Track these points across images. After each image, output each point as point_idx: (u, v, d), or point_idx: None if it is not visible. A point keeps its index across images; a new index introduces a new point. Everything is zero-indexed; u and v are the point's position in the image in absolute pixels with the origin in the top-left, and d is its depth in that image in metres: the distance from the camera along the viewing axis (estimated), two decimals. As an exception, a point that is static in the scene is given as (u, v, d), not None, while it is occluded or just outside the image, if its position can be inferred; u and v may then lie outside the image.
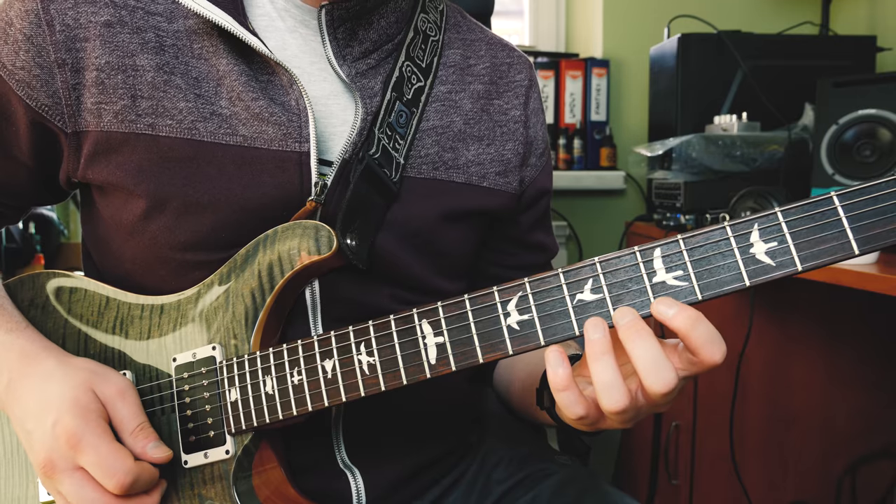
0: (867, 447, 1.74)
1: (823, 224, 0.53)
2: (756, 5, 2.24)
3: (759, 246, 0.55)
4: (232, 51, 0.73)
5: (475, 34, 0.90)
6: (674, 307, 0.55)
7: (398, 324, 0.65)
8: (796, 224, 0.54)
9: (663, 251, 0.57)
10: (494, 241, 0.91)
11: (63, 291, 0.79)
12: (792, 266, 0.54)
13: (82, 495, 0.65)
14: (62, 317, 0.78)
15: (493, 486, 0.87)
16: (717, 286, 0.56)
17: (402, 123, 0.79)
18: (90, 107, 0.71)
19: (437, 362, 0.63)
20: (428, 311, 0.64)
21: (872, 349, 1.72)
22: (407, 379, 0.64)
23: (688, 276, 0.56)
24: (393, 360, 0.64)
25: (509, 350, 0.61)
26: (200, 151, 0.71)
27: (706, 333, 0.55)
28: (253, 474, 0.72)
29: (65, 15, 0.71)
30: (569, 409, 0.59)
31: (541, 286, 0.60)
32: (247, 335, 0.71)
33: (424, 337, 0.63)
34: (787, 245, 0.54)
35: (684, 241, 0.56)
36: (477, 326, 0.62)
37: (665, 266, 0.57)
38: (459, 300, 0.63)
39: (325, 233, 0.70)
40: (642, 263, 0.57)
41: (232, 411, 0.70)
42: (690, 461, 1.70)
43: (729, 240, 0.55)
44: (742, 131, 1.69)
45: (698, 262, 0.56)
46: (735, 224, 0.55)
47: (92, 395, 0.68)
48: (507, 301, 0.61)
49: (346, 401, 0.66)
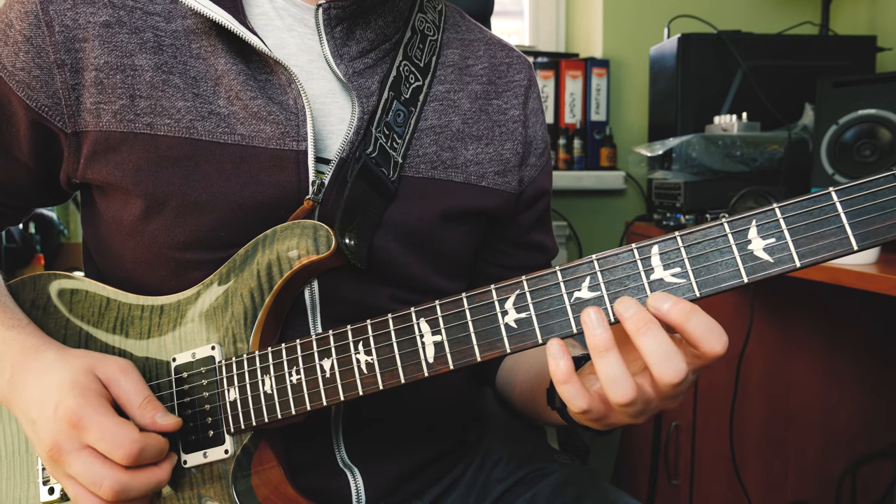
0: (867, 447, 1.73)
1: (822, 220, 0.53)
2: (756, 5, 2.24)
3: (756, 242, 0.55)
4: (230, 50, 0.73)
5: (474, 34, 0.90)
6: (668, 301, 0.55)
7: (396, 323, 0.65)
8: (794, 220, 0.54)
9: (661, 248, 0.57)
10: (493, 241, 0.91)
11: (64, 292, 0.79)
12: (790, 262, 0.54)
13: (92, 472, 0.65)
14: (63, 317, 0.78)
15: (493, 484, 0.87)
16: (715, 283, 0.56)
17: (400, 122, 0.79)
18: (89, 107, 0.71)
19: (435, 361, 0.63)
20: (426, 309, 0.64)
21: (872, 349, 1.72)
22: (405, 378, 0.64)
23: (686, 273, 0.56)
24: (391, 359, 0.64)
25: (507, 348, 0.61)
26: (198, 150, 0.72)
27: (703, 325, 0.55)
28: (252, 474, 0.72)
29: (64, 16, 0.71)
30: (572, 403, 0.58)
31: (538, 284, 0.60)
32: (246, 335, 0.72)
33: (422, 336, 0.63)
34: (786, 241, 0.54)
35: (682, 237, 0.56)
36: (474, 325, 0.62)
37: (663, 263, 0.57)
38: (457, 299, 0.62)
39: (323, 232, 0.70)
40: (640, 261, 0.57)
41: (231, 411, 0.70)
42: (690, 461, 1.70)
43: (727, 236, 0.55)
44: (742, 131, 1.69)
45: (696, 258, 0.56)
46: (733, 220, 0.55)
47: (92, 375, 0.68)
48: (504, 299, 0.61)
49: (344, 400, 0.66)
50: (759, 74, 1.78)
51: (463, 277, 0.88)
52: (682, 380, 0.55)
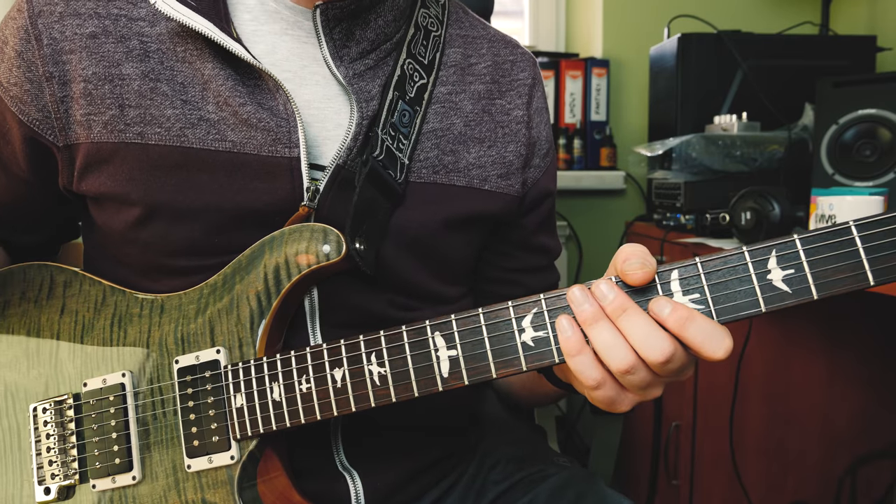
0: (867, 447, 1.73)
1: (840, 254, 0.53)
2: (756, 5, 2.24)
3: (776, 273, 0.55)
4: (216, 55, 0.72)
5: (477, 31, 0.89)
6: (667, 307, 0.55)
7: (410, 336, 0.64)
8: (814, 252, 0.54)
9: (681, 273, 0.57)
10: (497, 244, 0.90)
11: (57, 285, 0.77)
12: (808, 294, 0.54)
13: None
14: (56, 312, 0.77)
15: (491, 487, 0.86)
16: (733, 311, 0.56)
17: (406, 123, 0.78)
18: (80, 119, 0.71)
19: (450, 376, 0.63)
20: (441, 323, 0.63)
21: (872, 349, 1.72)
22: (419, 391, 0.64)
23: (705, 300, 0.57)
24: (405, 372, 0.64)
25: (523, 366, 0.61)
26: (190, 158, 0.71)
27: (702, 331, 0.55)
28: (258, 481, 0.71)
29: (51, 29, 0.71)
30: (584, 375, 0.58)
31: (556, 304, 0.60)
32: (252, 339, 0.71)
33: (437, 350, 0.63)
34: (805, 273, 0.54)
35: (702, 264, 0.57)
36: (491, 342, 0.61)
37: (682, 288, 0.57)
38: (473, 314, 0.62)
39: (333, 237, 0.69)
40: (659, 285, 0.58)
41: (237, 417, 0.70)
42: (690, 461, 1.70)
43: (747, 265, 0.56)
44: (742, 131, 1.69)
45: (715, 286, 0.56)
46: (753, 250, 0.55)
47: None
48: (521, 317, 0.61)
49: (355, 411, 0.66)
50: (759, 74, 1.77)
51: (463, 282, 0.87)
52: (669, 358, 0.55)
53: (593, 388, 0.58)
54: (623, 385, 0.58)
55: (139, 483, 0.73)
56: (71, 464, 0.74)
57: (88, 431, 0.74)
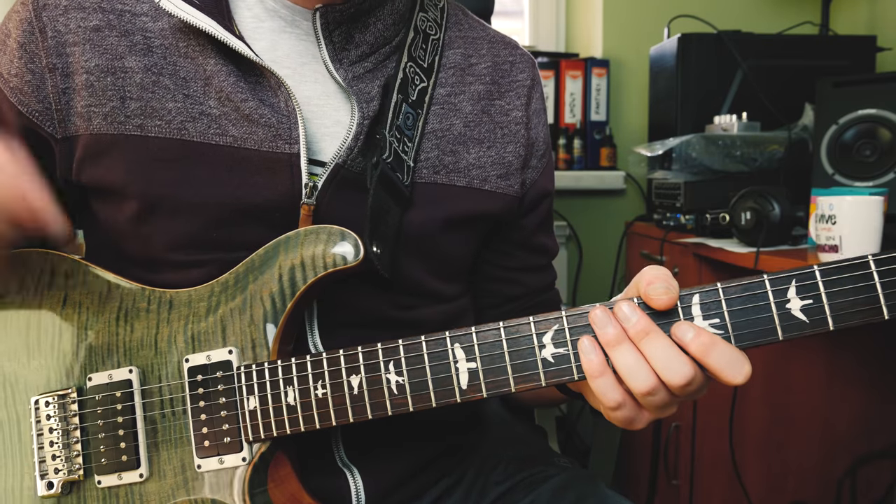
0: (867, 447, 1.74)
1: (858, 287, 0.55)
2: (756, 5, 2.24)
3: (795, 302, 0.56)
4: (219, 51, 0.73)
5: (477, 32, 0.89)
6: (690, 332, 0.57)
7: (430, 346, 0.64)
8: (832, 284, 0.56)
9: (702, 298, 0.58)
10: (499, 244, 0.90)
11: (58, 274, 0.76)
12: (824, 325, 0.56)
13: None
14: (58, 303, 0.75)
15: (492, 487, 0.86)
16: (752, 337, 0.58)
17: (409, 126, 0.78)
18: (80, 110, 0.72)
19: (469, 388, 0.63)
20: (461, 335, 0.63)
21: (872, 350, 1.72)
22: (436, 402, 0.64)
23: (724, 325, 0.58)
24: (423, 382, 0.64)
25: (542, 382, 0.61)
26: (191, 152, 0.71)
27: (723, 358, 0.56)
28: (269, 484, 0.70)
29: (56, 21, 0.72)
30: (606, 397, 0.59)
31: (578, 321, 0.61)
32: (265, 340, 0.70)
33: (457, 361, 0.63)
34: (822, 304, 0.56)
35: (723, 289, 0.58)
36: (511, 356, 0.62)
37: (703, 313, 0.58)
38: (494, 327, 0.63)
39: (351, 240, 0.69)
40: (681, 309, 0.59)
41: (251, 420, 0.69)
42: (690, 462, 1.70)
43: (767, 293, 0.57)
44: (742, 131, 1.69)
45: (735, 312, 0.57)
46: (774, 278, 0.57)
47: None
48: (542, 333, 0.61)
49: (371, 418, 0.66)
50: (759, 74, 1.78)
51: (460, 280, 0.88)
52: (689, 381, 0.57)
53: (613, 409, 0.60)
54: (642, 405, 0.60)
55: (146, 480, 0.72)
56: (75, 459, 0.73)
57: (93, 427, 0.73)
